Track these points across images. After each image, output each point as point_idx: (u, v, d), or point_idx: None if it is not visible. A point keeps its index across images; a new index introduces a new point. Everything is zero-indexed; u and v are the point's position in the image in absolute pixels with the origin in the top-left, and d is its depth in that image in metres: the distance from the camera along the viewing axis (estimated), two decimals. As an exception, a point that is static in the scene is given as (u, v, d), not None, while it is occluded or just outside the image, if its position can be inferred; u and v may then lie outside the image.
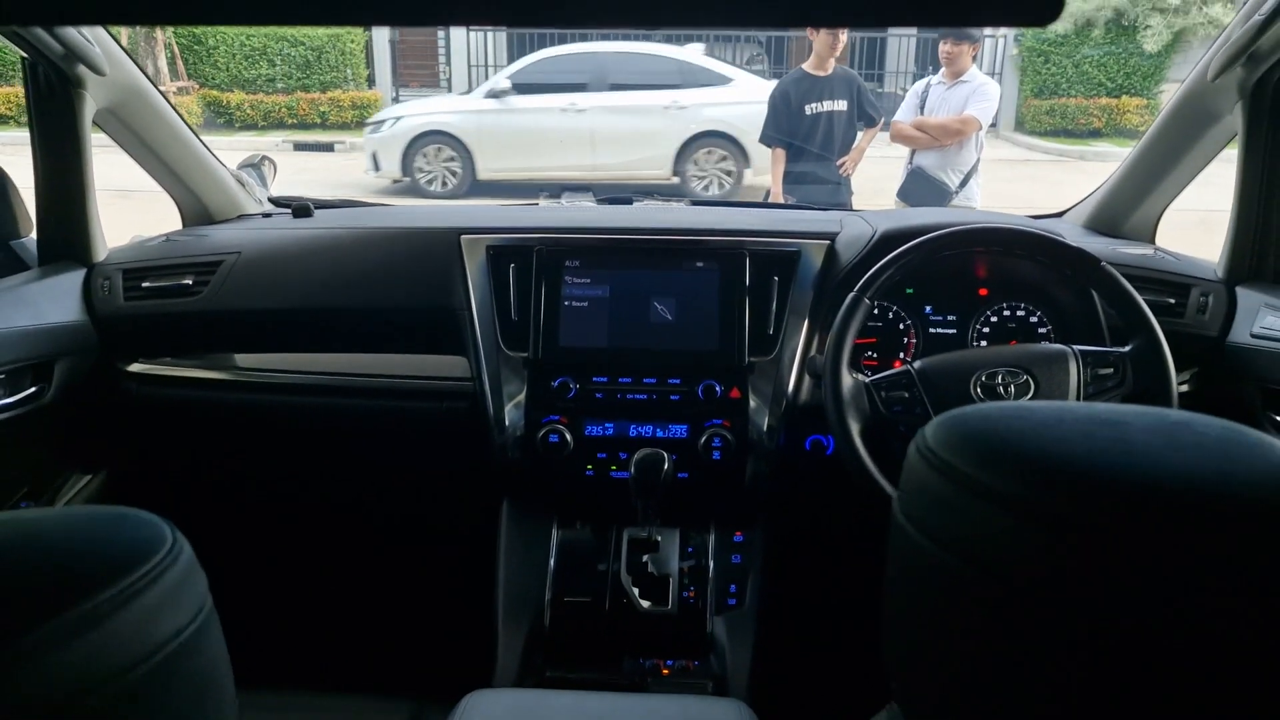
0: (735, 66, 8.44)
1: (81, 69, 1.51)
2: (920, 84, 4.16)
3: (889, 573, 0.54)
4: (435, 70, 12.74)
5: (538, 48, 12.08)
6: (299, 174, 8.68)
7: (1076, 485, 0.43)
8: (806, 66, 4.09)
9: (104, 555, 0.51)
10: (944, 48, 3.98)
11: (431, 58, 12.83)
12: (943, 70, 4.00)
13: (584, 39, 8.84)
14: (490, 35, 12.18)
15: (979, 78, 3.99)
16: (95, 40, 1.52)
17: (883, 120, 4.26)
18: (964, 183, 3.95)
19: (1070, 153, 10.37)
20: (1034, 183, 8.87)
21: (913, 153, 4.10)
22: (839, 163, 4.10)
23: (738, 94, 7.60)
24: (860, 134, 4.16)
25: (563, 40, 9.26)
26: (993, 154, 9.41)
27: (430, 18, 0.36)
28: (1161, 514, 0.41)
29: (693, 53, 8.49)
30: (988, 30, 11.88)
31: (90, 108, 1.57)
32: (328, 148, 10.63)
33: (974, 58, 3.98)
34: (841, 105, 4.06)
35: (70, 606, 0.47)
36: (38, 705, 0.45)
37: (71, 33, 1.46)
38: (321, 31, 11.88)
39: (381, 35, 12.01)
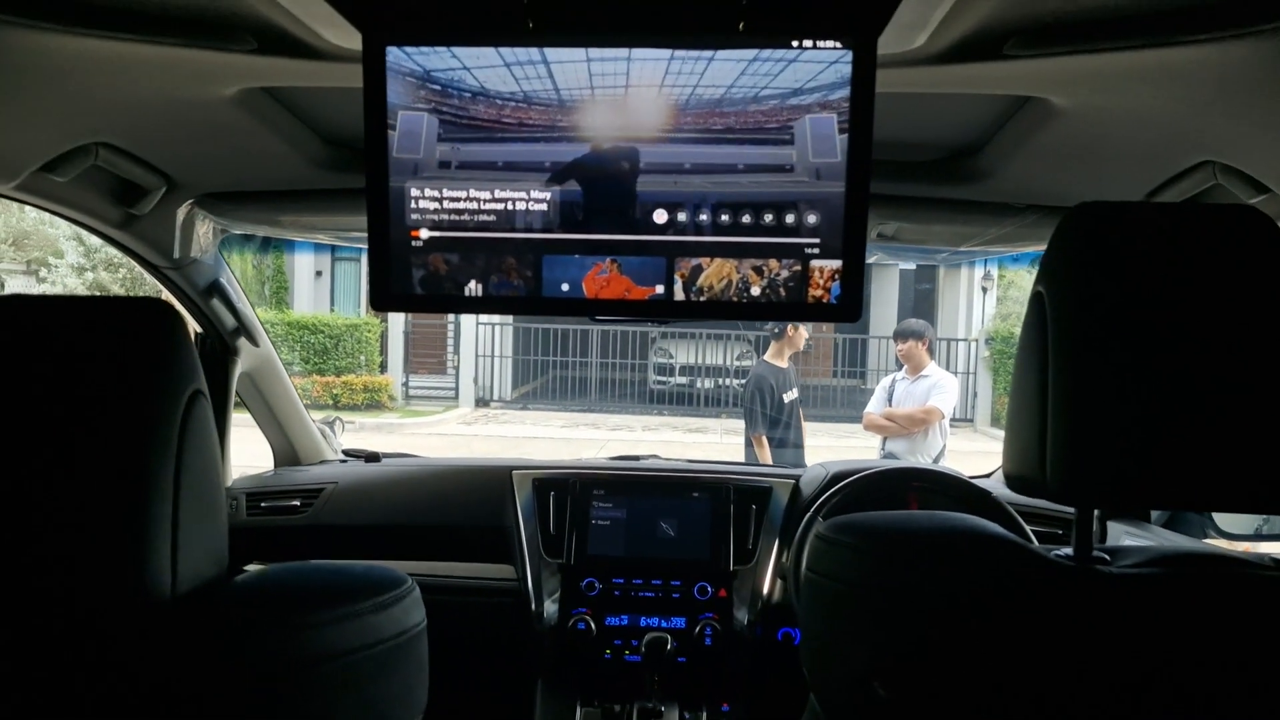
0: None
1: (241, 340, 1.97)
2: (887, 380, 4.52)
3: (801, 602, 0.98)
4: (444, 359, 13.56)
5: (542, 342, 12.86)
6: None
7: (874, 533, 0.87)
8: (771, 359, 4.48)
9: (381, 579, 0.88)
10: (899, 347, 4.40)
11: (441, 347, 13.71)
12: (905, 367, 4.40)
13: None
14: (498, 328, 13.12)
15: (938, 373, 4.36)
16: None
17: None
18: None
19: (1048, 446, 10.71)
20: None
21: (884, 440, 4.38)
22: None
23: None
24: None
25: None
26: (971, 446, 9.78)
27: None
28: (902, 545, 0.84)
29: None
30: (960, 333, 12.82)
31: (238, 370, 2.01)
32: (335, 427, 11.05)
33: (928, 349, 4.39)
34: (795, 393, 4.48)
35: (369, 599, 0.84)
36: (349, 649, 0.81)
37: (245, 309, 1.93)
38: (341, 321, 12.81)
39: (397, 326, 12.92)
